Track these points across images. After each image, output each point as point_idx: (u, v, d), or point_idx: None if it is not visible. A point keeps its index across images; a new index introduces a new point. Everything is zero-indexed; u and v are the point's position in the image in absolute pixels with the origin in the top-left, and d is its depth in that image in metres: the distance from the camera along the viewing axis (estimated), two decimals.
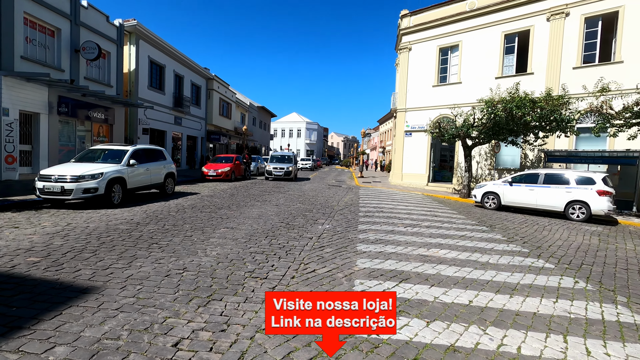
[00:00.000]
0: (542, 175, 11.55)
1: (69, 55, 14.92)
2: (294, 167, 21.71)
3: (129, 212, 8.37)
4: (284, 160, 21.92)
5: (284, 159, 22.20)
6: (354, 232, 7.23)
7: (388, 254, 5.57)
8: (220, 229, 6.92)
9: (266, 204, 10.88)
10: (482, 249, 6.24)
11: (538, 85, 15.42)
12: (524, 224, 9.39)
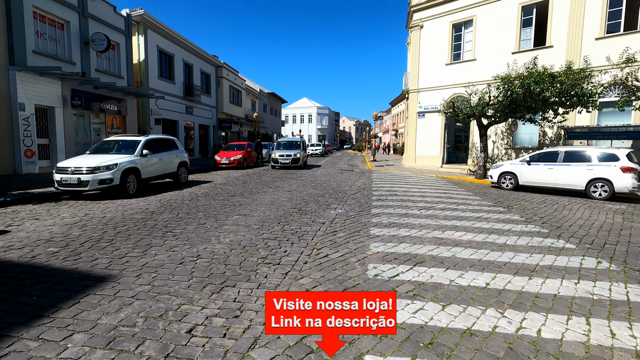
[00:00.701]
0: (562, 153, 11.13)
1: (79, 48, 15.02)
2: (303, 154, 19.75)
3: (144, 201, 8.50)
4: (292, 147, 20.09)
5: (291, 145, 20.36)
6: (367, 216, 7.15)
7: (402, 237, 5.49)
8: (233, 216, 6.95)
9: (278, 190, 10.88)
10: (499, 231, 6.08)
11: (558, 58, 14.72)
12: (543, 204, 9.12)
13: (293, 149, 19.73)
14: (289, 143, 20.57)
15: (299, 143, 20.48)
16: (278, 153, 18.97)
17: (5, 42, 12.00)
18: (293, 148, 19.85)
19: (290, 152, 18.98)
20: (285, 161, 18.71)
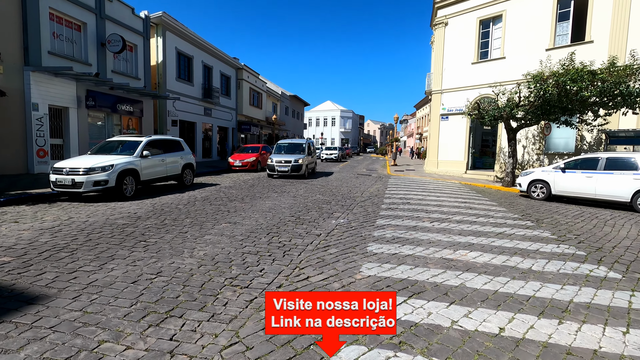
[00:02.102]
0: (603, 160, 9.81)
1: (95, 49, 15.11)
2: (307, 160, 15.77)
3: (137, 205, 8.08)
4: (294, 150, 16.19)
5: (293, 148, 16.39)
6: (370, 228, 6.34)
7: (403, 257, 4.65)
8: (221, 224, 6.34)
9: (284, 195, 10.23)
10: (523, 251, 5.10)
11: (599, 55, 13.23)
12: (580, 218, 7.93)
13: (295, 153, 15.91)
14: (290, 146, 16.60)
15: (303, 146, 16.40)
16: (275, 158, 15.10)
17: (21, 43, 12.12)
18: (295, 152, 15.99)
19: (290, 157, 15.13)
20: (284, 169, 14.89)
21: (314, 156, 18.14)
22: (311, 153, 17.16)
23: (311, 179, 15.53)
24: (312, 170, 17.63)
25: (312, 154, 17.62)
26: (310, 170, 17.09)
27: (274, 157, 15.26)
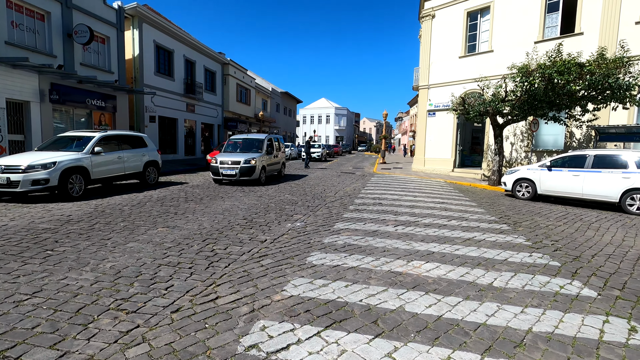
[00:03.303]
0: (591, 157, 9.18)
1: (61, 40, 14.29)
2: (266, 160, 12.39)
3: (78, 206, 7.35)
4: (249, 148, 12.62)
5: (249, 145, 12.78)
6: (324, 233, 5.65)
7: (344, 271, 3.96)
8: (157, 229, 5.64)
9: (249, 195, 9.53)
10: (489, 262, 4.43)
11: (589, 47, 12.59)
12: (562, 220, 7.28)
13: (251, 151, 12.39)
14: (246, 142, 12.99)
15: (262, 142, 12.75)
16: (221, 158, 11.60)
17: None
18: (251, 150, 12.46)
19: (241, 156, 11.60)
20: (230, 172, 11.27)
21: (279, 156, 14.22)
22: (273, 152, 13.33)
23: (272, 184, 12.18)
24: (279, 172, 14.45)
25: (275, 153, 13.63)
26: (275, 172, 13.98)
27: (220, 157, 11.68)
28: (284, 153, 15.27)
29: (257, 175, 11.61)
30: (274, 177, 14.22)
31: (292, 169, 19.71)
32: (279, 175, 14.58)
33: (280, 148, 14.66)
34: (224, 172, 11.40)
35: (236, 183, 11.96)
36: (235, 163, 11.42)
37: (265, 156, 12.36)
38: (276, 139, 14.38)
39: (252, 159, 11.54)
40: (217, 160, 11.62)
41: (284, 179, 14.14)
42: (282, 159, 14.93)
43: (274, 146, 13.68)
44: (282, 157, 14.98)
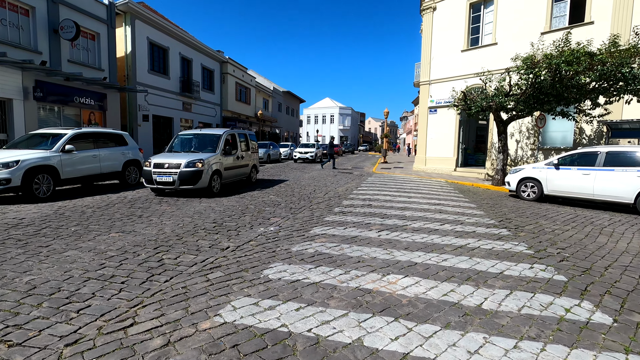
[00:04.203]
0: (603, 154, 8.39)
1: (46, 36, 13.84)
2: (221, 161, 9.41)
3: (38, 209, 6.79)
4: (200, 147, 9.69)
5: (200, 143, 9.81)
6: (296, 239, 4.99)
7: (302, 288, 3.30)
8: (110, 234, 5.03)
9: (233, 194, 8.91)
10: (481, 276, 3.73)
11: (599, 37, 11.73)
12: (571, 224, 6.52)
13: (202, 150, 9.44)
14: (198, 139, 9.95)
15: (217, 139, 9.65)
16: (155, 161, 8.63)
17: None
18: (203, 149, 9.48)
19: (182, 158, 8.59)
20: (166, 178, 8.36)
21: (245, 157, 10.90)
22: (235, 152, 10.24)
23: (234, 193, 9.16)
24: (247, 177, 11.42)
25: (239, 154, 10.45)
26: (241, 177, 10.91)
27: (155, 159, 8.66)
28: (255, 154, 12.00)
29: (206, 183, 8.54)
30: (240, 185, 11.09)
31: (287, 169, 19.05)
32: (248, 180, 11.57)
33: (250, 147, 11.60)
34: (159, 179, 8.34)
35: (179, 193, 9.04)
36: (174, 167, 8.34)
37: (221, 157, 9.33)
38: (242, 135, 11.20)
39: (198, 161, 8.44)
40: (151, 162, 8.54)
41: (254, 185, 11.10)
42: (253, 162, 11.75)
43: (238, 145, 10.49)
44: (253, 158, 11.81)
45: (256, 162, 12.14)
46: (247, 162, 11.27)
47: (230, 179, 10.12)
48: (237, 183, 11.37)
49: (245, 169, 11.12)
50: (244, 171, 11.03)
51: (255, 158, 12.01)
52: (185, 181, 8.32)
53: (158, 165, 8.52)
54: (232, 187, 10.64)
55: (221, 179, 9.38)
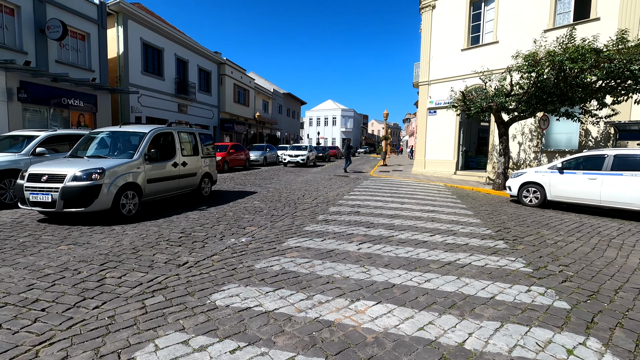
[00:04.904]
0: (610, 158, 7.80)
1: (33, 36, 13.48)
2: (149, 172, 6.94)
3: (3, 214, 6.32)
4: (114, 150, 7.23)
5: (115, 145, 7.36)
6: (265, 252, 4.46)
7: (249, 319, 2.76)
8: (58, 247, 4.53)
9: (213, 200, 8.41)
10: (467, 302, 3.17)
11: (606, 34, 11.13)
12: (575, 234, 5.93)
13: (116, 155, 6.95)
14: (110, 140, 7.54)
15: (139, 140, 7.08)
16: (34, 170, 6.08)
17: None
18: (119, 154, 6.98)
19: (73, 167, 5.95)
20: (43, 197, 5.73)
21: (189, 164, 8.24)
22: (169, 157, 7.63)
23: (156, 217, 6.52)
24: (196, 190, 8.71)
25: (178, 159, 7.86)
26: (185, 190, 8.23)
27: (32, 169, 6.13)
28: (210, 159, 9.26)
29: (109, 203, 5.96)
30: (183, 201, 8.40)
31: (280, 172, 18.54)
32: (198, 194, 8.80)
33: (202, 151, 8.87)
34: (33, 198, 5.75)
35: (65, 216, 6.34)
36: (56, 180, 5.77)
37: (143, 165, 6.68)
38: (188, 135, 8.51)
39: (95, 171, 5.85)
40: (26, 174, 6.00)
41: (204, 202, 8.35)
42: (205, 169, 8.96)
43: (177, 148, 7.82)
44: (206, 165, 9.01)
45: (211, 169, 9.30)
46: (195, 171, 8.48)
47: (161, 195, 7.38)
48: (181, 198, 8.78)
49: (190, 179, 8.33)
50: (188, 182, 8.25)
51: (211, 164, 9.29)
52: (72, 201, 5.67)
53: (34, 177, 5.87)
54: (169, 204, 7.94)
55: (141, 195, 6.64)
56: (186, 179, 8.19)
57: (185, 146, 8.31)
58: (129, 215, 6.33)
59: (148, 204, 7.76)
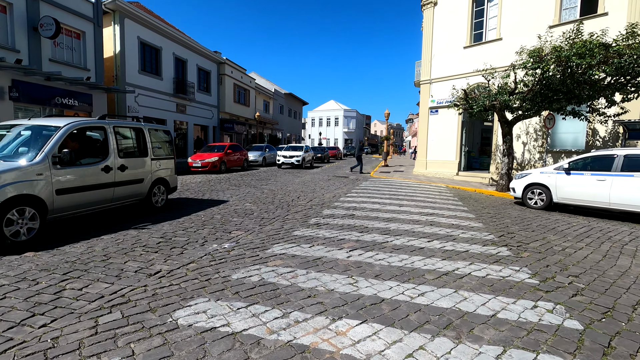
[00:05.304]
0: (620, 158, 7.38)
1: (25, 34, 13.23)
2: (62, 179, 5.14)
3: None
4: (9, 149, 5.27)
5: (8, 143, 5.34)
6: (247, 260, 4.11)
7: (212, 343, 2.40)
8: (26, 253, 4.20)
9: (204, 203, 8.07)
10: (465, 321, 2.79)
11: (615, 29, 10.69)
12: (584, 240, 5.52)
13: (18, 154, 5.08)
14: (11, 135, 5.52)
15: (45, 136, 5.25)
16: None
17: None
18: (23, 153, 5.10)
19: None
20: None
21: (134, 167, 6.61)
22: (97, 159, 5.95)
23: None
24: (145, 199, 7.00)
25: (107, 162, 6.02)
26: (118, 203, 6.36)
27: None
28: (166, 160, 7.56)
29: None
30: (124, 215, 6.67)
31: (278, 173, 18.19)
32: (148, 205, 7.04)
33: (151, 151, 7.03)
34: None
35: None
36: None
37: (50, 170, 5.00)
38: (130, 131, 6.79)
39: None
40: None
41: (150, 216, 6.58)
42: (156, 174, 7.18)
43: (111, 147, 6.10)
44: (159, 168, 7.26)
45: (168, 174, 7.56)
46: (140, 176, 6.71)
47: (85, 209, 5.63)
48: (121, 211, 6.96)
49: (133, 187, 6.56)
50: (130, 191, 6.49)
51: (167, 168, 7.55)
52: None
53: None
54: (99, 219, 6.23)
55: (45, 212, 4.90)
56: (126, 187, 6.36)
57: (125, 145, 6.56)
58: (20, 241, 4.46)
59: (67, 221, 5.98)
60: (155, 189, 7.26)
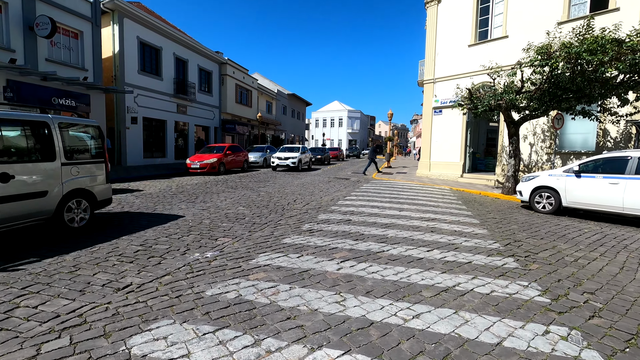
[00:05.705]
0: (634, 160, 6.94)
1: (21, 34, 13.05)
2: None
3: None
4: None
5: None
6: (227, 273, 3.76)
7: None
8: None
9: (194, 205, 7.74)
10: (466, 350, 2.41)
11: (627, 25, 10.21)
12: (598, 249, 5.10)
13: None
14: None
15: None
16: None
17: None
18: None
19: None
20: None
21: (29, 174, 4.76)
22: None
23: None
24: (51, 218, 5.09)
25: None
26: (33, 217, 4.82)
27: None
28: (89, 165, 5.72)
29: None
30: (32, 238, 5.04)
31: (277, 175, 17.84)
32: (60, 224, 5.22)
33: (60, 154, 5.15)
34: None
35: None
36: None
37: None
38: (24, 126, 4.81)
39: None
40: None
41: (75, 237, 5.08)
42: (70, 185, 5.32)
43: None
44: (76, 176, 5.42)
45: (90, 183, 5.69)
46: (41, 188, 4.92)
47: None
48: (22, 233, 5.24)
49: (29, 203, 4.74)
50: (24, 209, 4.67)
51: (90, 174, 5.73)
52: None
53: None
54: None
55: None
56: (16, 204, 4.55)
57: (16, 146, 4.79)
58: None
59: None
60: (71, 204, 5.37)
